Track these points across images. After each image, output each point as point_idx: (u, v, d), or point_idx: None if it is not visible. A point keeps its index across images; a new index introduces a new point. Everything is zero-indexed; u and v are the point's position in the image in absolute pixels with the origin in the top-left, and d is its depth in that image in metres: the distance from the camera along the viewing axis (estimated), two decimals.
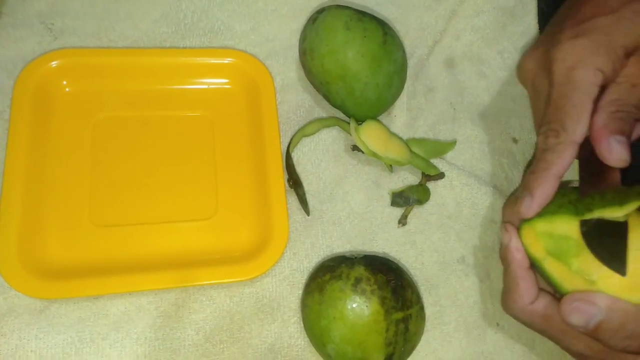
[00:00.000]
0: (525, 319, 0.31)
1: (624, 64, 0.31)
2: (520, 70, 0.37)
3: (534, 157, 0.33)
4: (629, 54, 0.31)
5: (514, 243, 0.31)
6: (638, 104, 0.31)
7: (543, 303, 0.30)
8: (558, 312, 0.29)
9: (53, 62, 0.38)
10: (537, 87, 0.35)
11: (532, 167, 0.32)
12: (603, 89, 0.31)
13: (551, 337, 0.31)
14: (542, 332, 0.31)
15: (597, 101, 0.30)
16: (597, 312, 0.27)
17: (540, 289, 0.31)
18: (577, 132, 0.30)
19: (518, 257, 0.31)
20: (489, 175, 0.42)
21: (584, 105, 0.30)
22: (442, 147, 0.42)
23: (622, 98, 0.31)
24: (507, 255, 0.32)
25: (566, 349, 0.31)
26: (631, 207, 0.27)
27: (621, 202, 0.28)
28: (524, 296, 0.30)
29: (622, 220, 0.28)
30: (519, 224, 0.31)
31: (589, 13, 0.33)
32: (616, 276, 0.27)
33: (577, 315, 0.28)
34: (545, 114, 0.32)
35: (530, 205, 0.30)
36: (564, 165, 0.30)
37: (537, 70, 0.35)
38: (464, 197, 0.41)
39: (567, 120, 0.30)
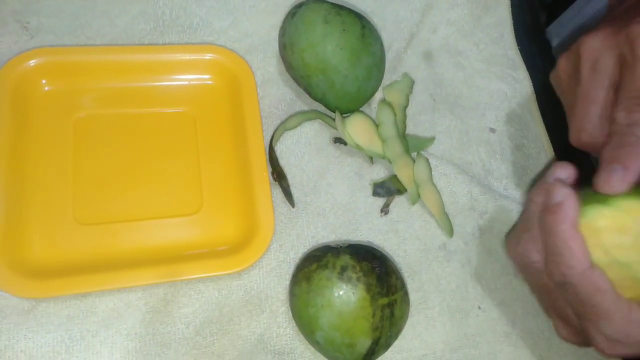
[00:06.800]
0: (588, 283, 0.29)
1: None
2: (581, 48, 0.34)
3: (611, 134, 0.31)
4: None
5: (570, 203, 0.29)
6: None
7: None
8: None
9: (31, 62, 0.37)
10: (600, 67, 0.33)
11: (614, 142, 0.30)
12: None
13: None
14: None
15: None
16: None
17: None
18: None
19: (572, 216, 0.29)
20: (467, 164, 0.44)
21: None
22: (421, 143, 0.43)
23: None
24: (557, 216, 0.30)
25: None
26: None
27: None
28: (581, 258, 0.29)
29: None
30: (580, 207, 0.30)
31: None
32: None
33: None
34: (629, 89, 0.30)
35: (623, 177, 0.28)
36: None
37: (604, 50, 0.33)
38: (442, 185, 0.42)
39: None
